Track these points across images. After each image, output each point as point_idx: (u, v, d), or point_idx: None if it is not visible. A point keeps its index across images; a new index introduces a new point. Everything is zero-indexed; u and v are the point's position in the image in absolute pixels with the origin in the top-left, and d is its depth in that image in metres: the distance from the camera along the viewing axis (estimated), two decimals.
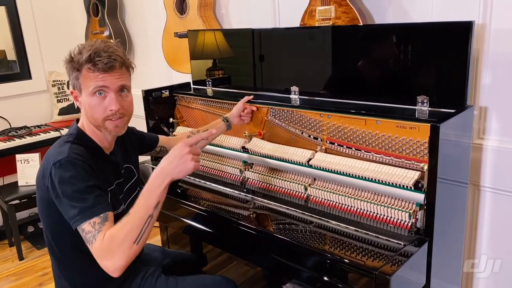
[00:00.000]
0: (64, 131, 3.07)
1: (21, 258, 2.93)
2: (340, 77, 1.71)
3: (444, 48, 1.40)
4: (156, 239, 2.52)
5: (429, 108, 1.44)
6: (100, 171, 1.32)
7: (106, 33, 3.04)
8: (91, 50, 1.24)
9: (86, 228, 1.16)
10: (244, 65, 2.02)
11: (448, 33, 1.38)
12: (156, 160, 2.13)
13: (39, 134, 3.05)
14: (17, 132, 3.05)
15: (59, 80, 3.35)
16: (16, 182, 2.96)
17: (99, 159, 1.34)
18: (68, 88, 3.36)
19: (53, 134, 3.06)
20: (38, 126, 3.23)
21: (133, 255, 1.15)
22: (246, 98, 1.81)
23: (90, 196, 1.19)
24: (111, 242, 1.13)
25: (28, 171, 2.91)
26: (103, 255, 1.14)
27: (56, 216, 1.25)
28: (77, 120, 1.39)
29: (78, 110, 1.30)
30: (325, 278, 1.23)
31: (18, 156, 2.91)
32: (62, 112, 3.35)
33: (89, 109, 1.29)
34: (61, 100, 3.36)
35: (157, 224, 2.18)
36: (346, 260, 1.20)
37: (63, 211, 1.22)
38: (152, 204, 1.19)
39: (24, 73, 3.30)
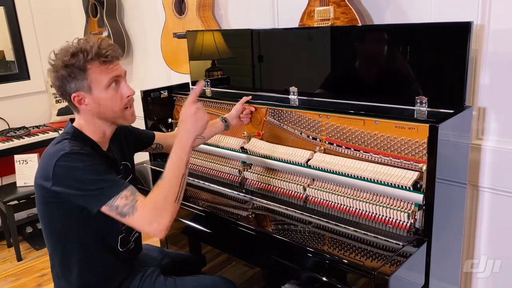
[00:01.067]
0: None
1: (19, 259, 2.92)
2: (339, 78, 1.71)
3: (442, 48, 1.40)
4: (155, 240, 2.52)
5: (428, 109, 1.43)
6: None
7: (105, 34, 3.04)
8: (93, 46, 1.25)
9: (120, 203, 1.18)
10: (243, 66, 2.02)
11: (447, 34, 1.38)
12: (155, 160, 2.13)
13: (38, 135, 3.04)
14: (15, 133, 3.05)
15: None
16: (15, 183, 2.96)
17: (98, 155, 1.33)
18: None
19: (51, 135, 3.06)
20: (36, 127, 3.22)
21: (175, 213, 1.22)
22: (245, 98, 1.81)
23: (110, 175, 1.23)
24: (154, 206, 1.19)
25: (26, 171, 2.91)
26: (148, 220, 1.18)
27: (56, 216, 1.25)
28: (71, 120, 1.38)
29: None
30: (324, 279, 1.23)
31: (17, 157, 2.91)
32: (60, 112, 3.35)
33: (108, 103, 1.29)
34: (60, 101, 3.35)
35: None
36: (345, 261, 1.20)
37: (84, 201, 1.21)
38: (184, 162, 1.26)
39: (22, 73, 3.30)
